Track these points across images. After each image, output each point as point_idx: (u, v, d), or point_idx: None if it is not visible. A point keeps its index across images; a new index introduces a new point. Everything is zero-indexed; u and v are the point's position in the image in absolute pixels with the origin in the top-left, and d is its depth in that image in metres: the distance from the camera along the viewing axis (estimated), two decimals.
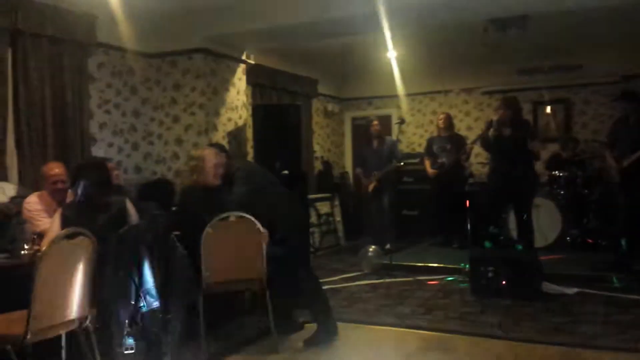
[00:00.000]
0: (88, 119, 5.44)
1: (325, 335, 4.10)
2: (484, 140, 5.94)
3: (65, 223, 3.32)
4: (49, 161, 4.51)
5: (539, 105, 8.93)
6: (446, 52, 8.10)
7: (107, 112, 5.78)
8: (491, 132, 5.73)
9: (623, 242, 5.73)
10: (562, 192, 7.11)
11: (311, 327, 4.20)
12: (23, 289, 2.73)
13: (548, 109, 8.86)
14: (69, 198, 3.94)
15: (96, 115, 5.63)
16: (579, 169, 7.14)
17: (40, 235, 3.68)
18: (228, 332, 4.23)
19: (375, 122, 7.47)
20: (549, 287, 5.20)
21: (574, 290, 5.18)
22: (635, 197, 5.66)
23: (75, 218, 3.33)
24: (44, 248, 2.94)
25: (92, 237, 3.05)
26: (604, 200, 6.93)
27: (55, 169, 4.14)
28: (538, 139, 6.68)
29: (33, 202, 4.07)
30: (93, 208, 3.46)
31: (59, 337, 3.13)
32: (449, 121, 7.59)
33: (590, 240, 6.88)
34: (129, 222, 3.54)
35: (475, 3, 5.27)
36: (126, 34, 5.66)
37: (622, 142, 5.80)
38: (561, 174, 7.17)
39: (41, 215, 4.00)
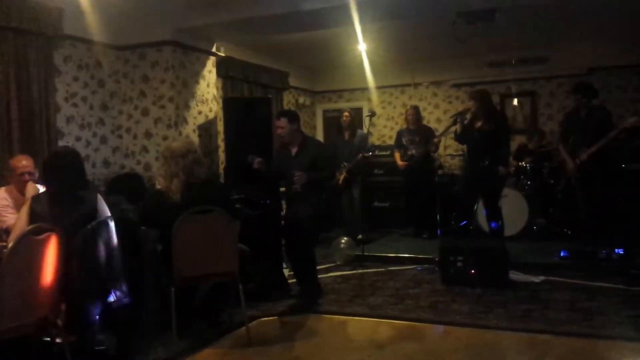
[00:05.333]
0: (55, 113, 5.34)
1: (309, 299, 4.65)
2: (455, 134, 6.03)
3: (33, 217, 3.23)
4: (14, 156, 4.42)
5: (506, 97, 9.07)
6: (416, 45, 8.15)
7: (74, 105, 5.67)
8: (457, 127, 5.82)
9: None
10: (528, 183, 7.26)
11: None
12: None
13: (515, 102, 9.00)
14: (32, 191, 3.86)
15: (63, 108, 5.53)
16: (545, 160, 7.29)
17: (7, 232, 3.62)
18: (200, 325, 4.21)
19: (346, 113, 7.53)
20: (516, 275, 5.31)
21: (541, 278, 5.30)
22: (594, 191, 5.78)
23: (46, 212, 3.25)
24: (10, 244, 2.88)
25: (61, 232, 3.00)
26: (569, 190, 7.09)
27: (23, 161, 4.10)
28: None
29: (0, 198, 4.00)
30: (65, 201, 3.35)
31: (29, 334, 3.06)
32: (417, 114, 7.67)
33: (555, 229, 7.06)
34: (99, 217, 3.46)
35: None
36: (94, 26, 5.58)
37: (575, 135, 5.92)
38: (527, 165, 7.32)
39: (8, 211, 3.94)
